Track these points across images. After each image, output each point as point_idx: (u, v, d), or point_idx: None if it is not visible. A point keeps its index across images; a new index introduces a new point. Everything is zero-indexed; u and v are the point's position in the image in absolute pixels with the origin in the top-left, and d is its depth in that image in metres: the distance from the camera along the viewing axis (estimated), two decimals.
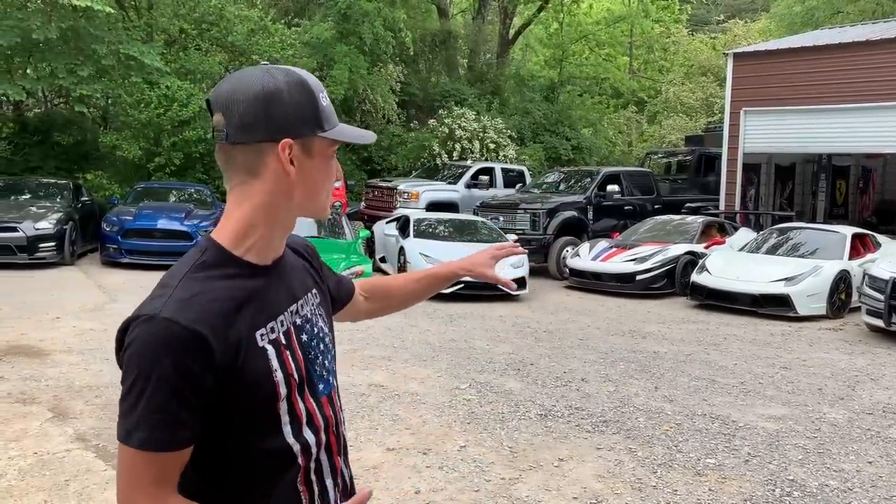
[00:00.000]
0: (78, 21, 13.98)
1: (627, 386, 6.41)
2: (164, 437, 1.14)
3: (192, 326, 1.14)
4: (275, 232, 1.31)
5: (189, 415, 1.15)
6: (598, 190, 14.28)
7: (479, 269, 1.86)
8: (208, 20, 17.61)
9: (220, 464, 1.24)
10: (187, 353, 1.14)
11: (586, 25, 29.04)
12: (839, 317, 9.95)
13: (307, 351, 1.34)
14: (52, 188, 13.41)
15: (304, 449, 1.29)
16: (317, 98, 1.28)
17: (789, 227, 12.10)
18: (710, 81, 29.18)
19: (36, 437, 4.71)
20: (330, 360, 1.42)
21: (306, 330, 1.35)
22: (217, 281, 1.23)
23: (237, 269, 1.26)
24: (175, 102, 15.50)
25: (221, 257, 1.27)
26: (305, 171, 1.27)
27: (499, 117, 20.46)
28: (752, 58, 16.31)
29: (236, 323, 1.21)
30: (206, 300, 1.19)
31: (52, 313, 8.42)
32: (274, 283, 1.31)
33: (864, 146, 15.30)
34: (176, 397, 1.14)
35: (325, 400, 1.36)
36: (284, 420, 1.27)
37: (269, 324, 1.26)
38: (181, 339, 1.13)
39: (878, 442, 5.17)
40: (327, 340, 1.42)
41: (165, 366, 1.13)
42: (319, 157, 1.29)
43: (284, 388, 1.26)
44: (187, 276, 1.23)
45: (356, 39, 18.24)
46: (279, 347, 1.27)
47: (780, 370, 7.14)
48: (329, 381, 1.39)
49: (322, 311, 1.44)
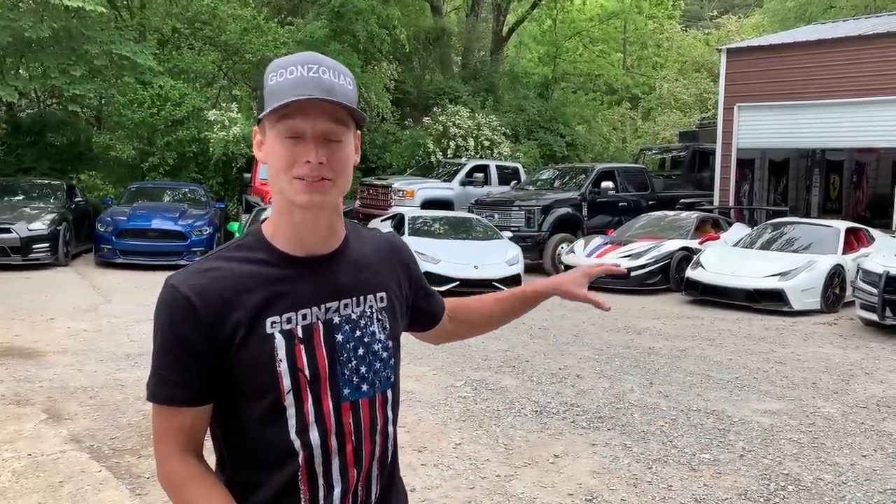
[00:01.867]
0: (70, 21, 13.94)
1: (622, 382, 6.42)
2: (165, 391, 1.26)
3: (186, 293, 1.23)
4: (287, 220, 1.29)
5: (186, 375, 1.25)
6: (592, 186, 14.29)
7: (569, 287, 1.71)
8: (201, 19, 17.58)
9: (224, 442, 1.33)
10: (177, 315, 1.23)
11: (580, 22, 29.03)
12: (833, 311, 9.97)
13: (338, 352, 1.31)
14: (46, 189, 13.37)
15: (305, 447, 1.28)
16: (264, 79, 1.27)
17: (783, 222, 12.13)
18: (703, 77, 29.20)
19: (30, 439, 4.70)
20: (373, 369, 1.35)
21: (344, 330, 1.32)
22: (241, 263, 1.28)
23: (268, 256, 1.30)
24: (168, 102, 15.47)
25: (258, 242, 1.32)
26: (266, 155, 1.28)
27: (493, 115, 20.45)
28: (745, 53, 16.34)
29: (241, 303, 1.25)
30: (216, 275, 1.26)
31: (46, 314, 8.40)
32: (307, 275, 1.30)
33: (858, 141, 15.34)
34: (172, 354, 1.25)
35: (346, 406, 1.32)
36: (290, 413, 1.27)
37: (286, 314, 1.27)
38: (175, 302, 1.24)
39: (873, 435, 5.19)
40: (377, 347, 1.36)
41: (164, 326, 1.25)
42: (270, 137, 1.26)
43: (289, 381, 1.25)
44: (219, 252, 1.32)
45: (350, 38, 18.21)
46: (292, 339, 1.26)
47: (775, 365, 7.15)
48: (361, 389, 1.34)
49: (384, 317, 1.39)
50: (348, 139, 1.27)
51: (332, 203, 1.28)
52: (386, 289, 1.41)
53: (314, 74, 1.23)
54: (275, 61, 1.27)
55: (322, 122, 1.23)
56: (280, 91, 1.22)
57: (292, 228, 1.29)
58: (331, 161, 1.24)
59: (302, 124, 1.22)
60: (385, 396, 1.38)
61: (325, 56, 1.29)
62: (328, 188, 1.24)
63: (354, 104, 1.27)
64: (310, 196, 1.23)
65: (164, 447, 1.28)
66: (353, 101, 1.26)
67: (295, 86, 1.21)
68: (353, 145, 1.30)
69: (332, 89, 1.23)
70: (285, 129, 1.22)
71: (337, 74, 1.26)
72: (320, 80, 1.22)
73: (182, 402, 1.26)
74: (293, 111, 1.21)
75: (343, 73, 1.28)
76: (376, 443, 1.36)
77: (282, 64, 1.25)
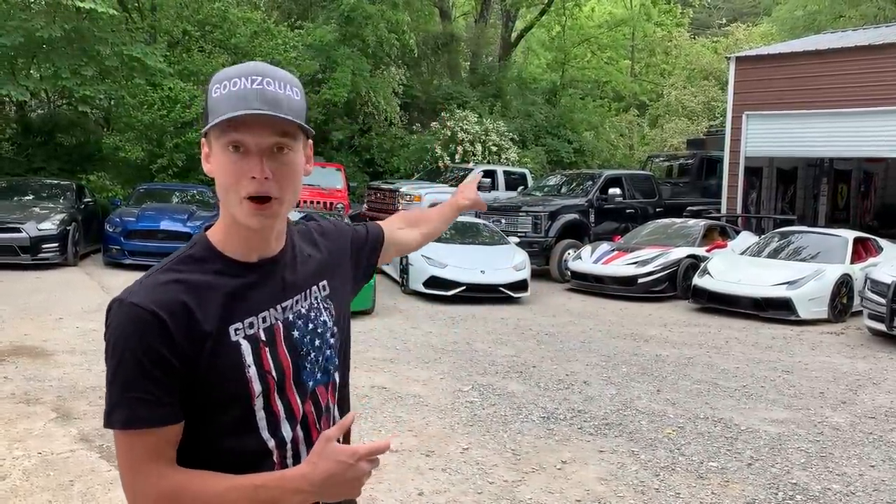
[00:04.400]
0: (81, 22, 14.01)
1: (630, 389, 6.42)
2: (143, 414, 1.18)
3: (151, 308, 1.19)
4: (236, 233, 1.28)
5: (163, 393, 1.19)
6: (599, 193, 14.29)
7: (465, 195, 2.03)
8: (211, 22, 17.65)
9: (196, 456, 1.26)
10: (148, 332, 1.18)
11: (588, 29, 29.05)
12: (841, 321, 9.95)
13: (298, 347, 1.34)
14: (55, 189, 13.43)
15: (279, 444, 1.31)
16: (209, 90, 1.25)
17: (791, 231, 12.10)
18: (711, 85, 29.18)
19: (40, 438, 4.73)
20: (330, 354, 1.40)
21: (299, 326, 1.35)
22: (195, 274, 1.26)
23: (222, 265, 1.29)
24: (178, 104, 15.53)
25: (208, 252, 1.30)
26: (213, 169, 1.26)
27: (501, 120, 20.49)
28: (754, 62, 16.33)
29: (205, 314, 1.23)
30: (174, 289, 1.22)
31: (56, 314, 8.44)
32: (261, 279, 1.31)
33: (866, 150, 15.31)
34: (146, 375, 1.18)
35: (313, 392, 1.36)
36: (260, 416, 1.28)
37: (247, 319, 1.27)
38: (142, 320, 1.18)
39: (881, 446, 5.18)
40: (328, 336, 1.40)
41: (132, 345, 1.18)
42: (216, 151, 1.24)
43: (259, 386, 1.26)
44: (168, 266, 1.28)
45: (359, 42, 18.27)
46: (257, 344, 1.27)
47: (782, 374, 7.14)
48: (324, 373, 1.39)
49: (329, 304, 1.43)
50: (296, 150, 1.26)
51: (280, 218, 1.30)
52: (325, 275, 1.44)
53: (258, 86, 1.20)
54: (218, 72, 1.25)
55: (266, 136, 1.20)
56: (223, 104, 1.20)
57: (244, 239, 1.29)
58: (277, 175, 1.22)
59: (246, 139, 1.20)
60: (335, 381, 1.42)
61: (273, 67, 1.26)
62: (276, 209, 1.24)
63: (302, 115, 1.25)
64: (259, 219, 1.24)
65: (147, 472, 1.20)
66: (299, 112, 1.24)
67: (238, 98, 1.19)
68: (301, 156, 1.28)
69: (277, 101, 1.21)
70: (228, 142, 1.21)
71: (282, 85, 1.23)
72: (264, 93, 1.20)
73: (164, 423, 1.20)
74: (237, 125, 1.19)
75: (289, 84, 1.25)
76: (331, 425, 1.39)
77: (225, 76, 1.23)
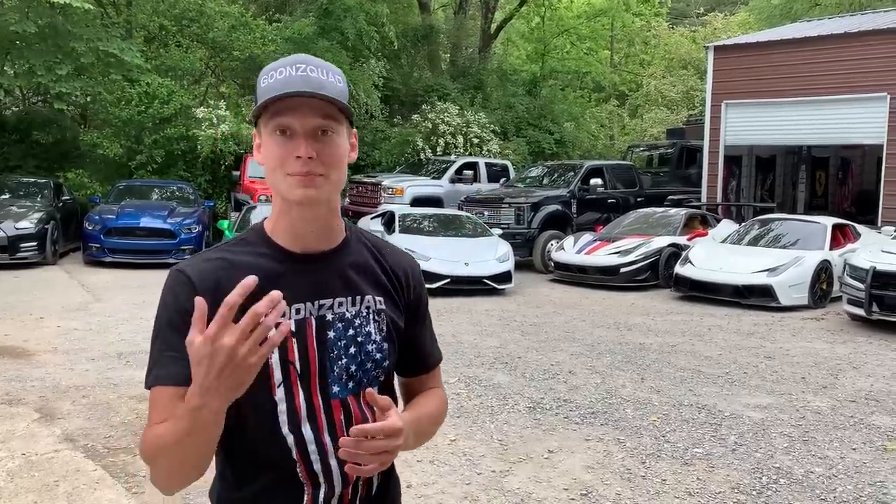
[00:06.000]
0: (56, 18, 13.82)
1: (614, 378, 6.47)
2: (171, 371, 1.23)
3: (188, 273, 1.28)
4: (284, 217, 1.33)
5: None
6: (581, 183, 14.35)
7: None
8: (188, 16, 17.47)
9: (228, 447, 1.32)
10: (180, 293, 1.26)
11: (567, 20, 29.06)
12: (821, 306, 10.07)
13: (329, 348, 1.33)
14: (33, 187, 13.28)
15: (299, 443, 1.30)
16: (258, 82, 1.31)
17: (770, 219, 12.22)
18: (690, 74, 29.34)
19: (23, 439, 4.68)
20: (363, 368, 1.36)
21: (336, 328, 1.34)
22: (242, 255, 1.33)
23: (267, 250, 1.34)
24: (156, 100, 15.38)
25: (258, 237, 1.36)
26: (262, 155, 1.32)
27: (482, 112, 20.47)
28: (732, 51, 16.44)
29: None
30: (216, 264, 1.31)
31: (36, 314, 8.35)
32: (302, 271, 1.33)
33: (843, 137, 15.48)
34: (177, 332, 1.22)
35: (337, 403, 1.33)
36: (281, 409, 1.29)
37: None
38: (180, 283, 1.28)
39: (862, 429, 5.25)
40: (370, 348, 1.37)
41: (169, 305, 1.28)
42: (264, 137, 1.30)
43: (280, 373, 1.28)
44: (221, 245, 1.37)
45: (338, 35, 18.15)
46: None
47: (764, 360, 7.22)
48: (349, 387, 1.35)
49: (381, 319, 1.39)
50: (340, 133, 1.30)
51: (325, 198, 1.30)
52: (386, 294, 1.42)
53: (302, 73, 1.26)
54: (267, 65, 1.31)
55: (310, 117, 1.25)
56: (270, 91, 1.26)
57: (289, 224, 1.33)
58: (321, 155, 1.26)
59: (291, 121, 1.25)
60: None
61: (315, 56, 1.33)
62: (320, 183, 1.27)
63: (344, 99, 1.29)
64: (303, 191, 1.26)
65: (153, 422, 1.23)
66: (341, 96, 1.28)
67: (284, 85, 1.25)
68: (345, 140, 1.32)
69: (321, 85, 1.26)
70: (276, 127, 1.26)
71: (325, 72, 1.29)
72: (308, 78, 1.26)
73: (185, 380, 1.17)
74: (283, 109, 1.25)
75: (332, 71, 1.30)
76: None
77: (272, 67, 1.30)
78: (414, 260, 1.53)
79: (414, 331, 1.48)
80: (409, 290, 1.46)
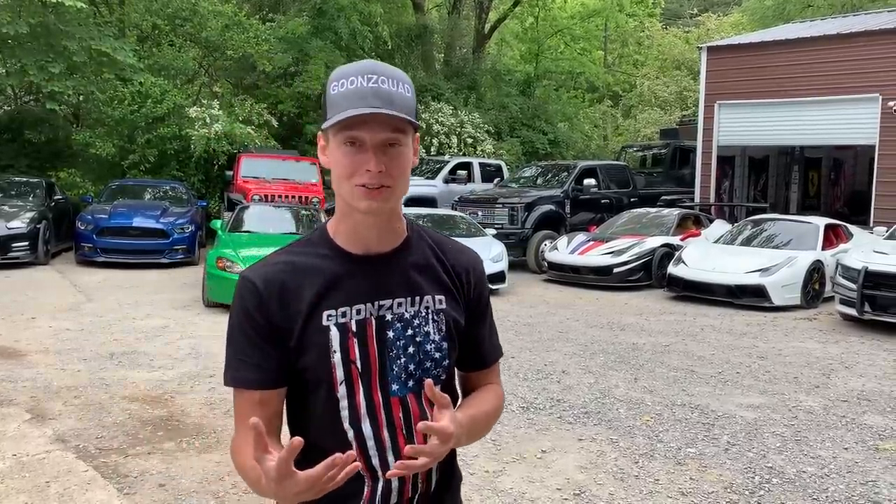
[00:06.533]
0: (48, 17, 13.76)
1: (607, 378, 6.47)
2: (238, 375, 1.35)
3: (253, 280, 1.35)
4: (348, 220, 1.37)
5: (260, 358, 1.34)
6: (575, 184, 14.37)
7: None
8: (181, 15, 17.41)
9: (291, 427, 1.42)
10: (248, 301, 1.34)
11: (561, 20, 29.08)
12: (813, 306, 10.10)
13: (389, 348, 1.37)
14: (25, 187, 13.22)
15: (358, 437, 1.36)
16: (328, 87, 1.33)
17: (763, 219, 12.26)
18: (683, 75, 29.40)
19: (14, 439, 4.65)
20: (423, 367, 1.39)
21: (395, 328, 1.38)
22: (306, 257, 1.38)
23: (330, 252, 1.39)
24: (149, 99, 15.33)
25: (321, 239, 1.41)
26: (329, 162, 1.35)
27: (476, 112, 20.48)
28: (725, 51, 16.49)
29: (301, 293, 1.34)
30: (281, 268, 1.36)
31: (28, 314, 8.31)
32: (363, 272, 1.37)
33: (836, 138, 15.54)
34: (247, 339, 1.34)
35: (396, 400, 1.38)
36: (343, 405, 1.35)
37: (341, 308, 1.35)
38: (244, 288, 1.35)
39: (854, 428, 5.27)
40: (429, 347, 1.40)
41: (237, 310, 1.36)
42: (333, 145, 1.33)
43: (342, 372, 1.34)
44: (287, 248, 1.42)
45: (331, 34, 18.13)
46: (346, 333, 1.34)
47: (757, 360, 7.24)
48: (408, 386, 1.38)
49: (440, 319, 1.42)
50: (406, 144, 1.32)
51: (390, 207, 1.34)
52: (447, 292, 1.44)
53: (373, 84, 1.28)
54: (336, 70, 1.33)
55: (381, 132, 1.28)
56: (341, 101, 1.28)
57: (352, 227, 1.37)
58: (390, 168, 1.29)
59: (362, 135, 1.28)
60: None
61: (385, 64, 1.34)
62: (387, 196, 1.31)
63: (412, 111, 1.31)
64: (369, 203, 1.30)
65: (236, 426, 1.37)
66: (411, 108, 1.31)
67: (355, 96, 1.27)
68: (411, 150, 1.35)
69: (391, 98, 1.28)
70: (346, 138, 1.29)
71: (395, 83, 1.30)
72: (378, 91, 1.27)
73: (253, 385, 1.34)
74: (354, 122, 1.27)
75: (401, 81, 1.32)
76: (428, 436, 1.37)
77: (343, 73, 1.31)
78: (477, 257, 1.54)
79: (474, 328, 1.51)
80: (470, 288, 1.49)
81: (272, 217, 11.06)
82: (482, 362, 1.55)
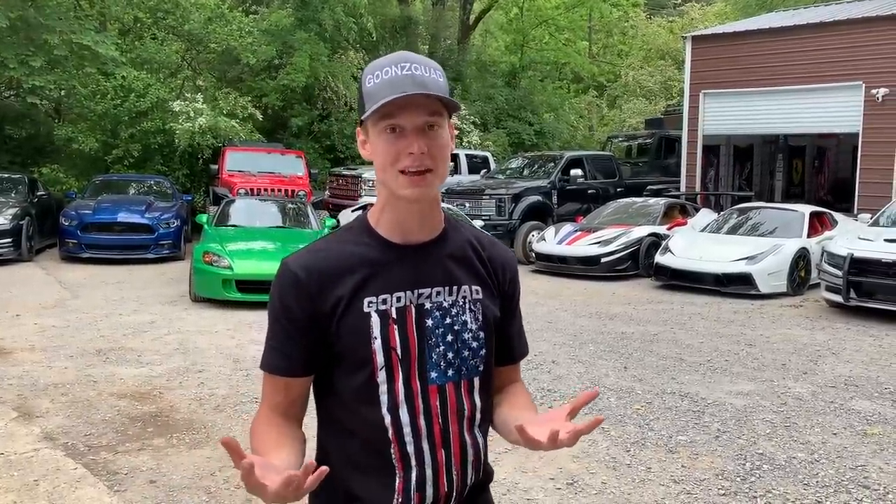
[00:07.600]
0: (28, 10, 13.58)
1: (597, 367, 6.49)
2: (271, 360, 1.39)
3: (294, 269, 1.37)
4: (390, 209, 1.39)
5: (289, 345, 1.37)
6: (561, 174, 14.38)
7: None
8: (163, 8, 17.20)
9: (323, 412, 1.44)
10: (285, 288, 1.37)
11: (546, 10, 29.02)
12: (799, 294, 10.17)
13: (427, 336, 1.39)
14: (7, 183, 13.06)
15: (394, 424, 1.37)
16: (362, 81, 1.36)
17: (749, 207, 12.32)
18: (668, 65, 29.45)
19: (1, 438, 4.60)
20: (461, 356, 1.41)
21: (434, 316, 1.40)
22: (347, 245, 1.40)
23: (371, 240, 1.41)
24: (132, 93, 15.20)
25: (362, 228, 1.43)
26: (371, 153, 1.37)
27: (462, 103, 20.44)
28: (709, 41, 16.52)
29: (343, 281, 1.36)
30: (323, 255, 1.39)
31: (12, 311, 8.22)
32: (403, 261, 1.40)
33: (819, 126, 15.63)
34: (279, 325, 1.38)
35: (434, 388, 1.39)
36: (382, 390, 1.36)
37: (381, 295, 1.37)
38: (284, 277, 1.38)
39: (842, 414, 5.31)
40: (466, 336, 1.42)
41: (275, 298, 1.39)
42: (373, 136, 1.35)
43: (382, 358, 1.35)
44: (332, 236, 1.45)
45: (316, 26, 18.01)
46: (387, 320, 1.36)
47: (745, 347, 7.28)
48: (448, 374, 1.40)
49: (477, 308, 1.44)
50: (443, 127, 1.36)
51: (433, 193, 1.37)
52: (483, 284, 1.47)
53: (407, 72, 1.31)
54: (369, 64, 1.36)
55: (420, 115, 1.31)
56: (378, 92, 1.30)
57: (394, 216, 1.39)
58: (431, 150, 1.32)
59: (402, 120, 1.31)
60: (472, 384, 1.44)
61: (416, 54, 1.38)
62: (430, 180, 1.33)
63: (447, 93, 1.35)
64: (412, 189, 1.32)
65: (262, 406, 1.42)
66: (444, 91, 1.34)
67: (391, 85, 1.30)
68: (448, 133, 1.38)
69: (425, 83, 1.31)
70: (386, 126, 1.32)
71: (427, 69, 1.34)
72: (413, 77, 1.31)
73: (283, 372, 1.38)
74: (392, 109, 1.30)
75: (433, 67, 1.35)
76: (464, 427, 1.42)
77: (377, 66, 1.34)
78: (512, 254, 1.59)
79: (505, 322, 1.54)
80: (505, 281, 1.53)
81: (258, 211, 11.00)
82: (509, 358, 1.58)
